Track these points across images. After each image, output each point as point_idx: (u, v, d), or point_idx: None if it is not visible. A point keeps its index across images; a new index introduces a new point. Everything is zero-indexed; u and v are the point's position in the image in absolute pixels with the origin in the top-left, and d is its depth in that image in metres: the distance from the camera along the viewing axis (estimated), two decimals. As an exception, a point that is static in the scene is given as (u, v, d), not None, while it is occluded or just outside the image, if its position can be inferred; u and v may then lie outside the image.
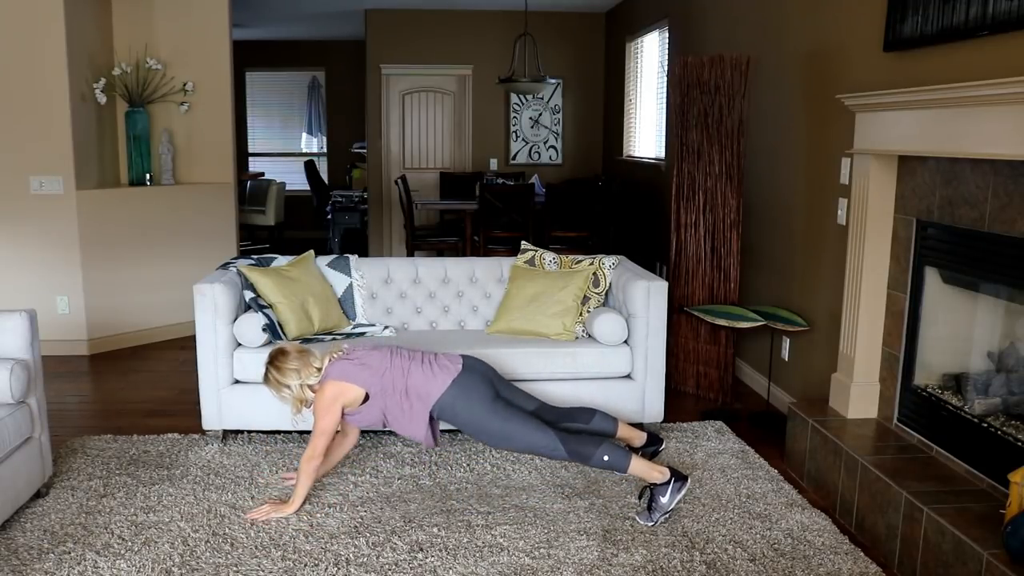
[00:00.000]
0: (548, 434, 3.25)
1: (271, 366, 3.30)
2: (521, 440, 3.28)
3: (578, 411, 3.58)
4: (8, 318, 3.17)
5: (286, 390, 3.27)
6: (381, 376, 3.29)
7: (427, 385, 3.29)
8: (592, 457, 3.22)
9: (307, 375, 3.26)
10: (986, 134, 2.68)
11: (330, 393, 3.24)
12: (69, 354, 5.48)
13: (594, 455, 3.21)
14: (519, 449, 3.34)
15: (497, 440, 3.32)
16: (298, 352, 3.31)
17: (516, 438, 3.28)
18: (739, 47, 5.00)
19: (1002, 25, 2.73)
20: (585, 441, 3.26)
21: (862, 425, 3.50)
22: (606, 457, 3.20)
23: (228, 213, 6.28)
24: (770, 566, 2.87)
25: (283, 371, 3.27)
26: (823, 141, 4.06)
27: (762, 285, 4.84)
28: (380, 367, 3.31)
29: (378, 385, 3.28)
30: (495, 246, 7.09)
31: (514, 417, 3.30)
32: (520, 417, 3.31)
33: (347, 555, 2.91)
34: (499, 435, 3.29)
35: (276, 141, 12.32)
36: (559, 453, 3.24)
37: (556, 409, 3.57)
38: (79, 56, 5.43)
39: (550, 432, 3.26)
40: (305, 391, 3.27)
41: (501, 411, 3.30)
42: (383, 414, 3.32)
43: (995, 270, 2.92)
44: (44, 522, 3.13)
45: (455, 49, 9.14)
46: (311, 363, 3.29)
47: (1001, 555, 2.40)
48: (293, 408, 3.32)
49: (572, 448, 3.23)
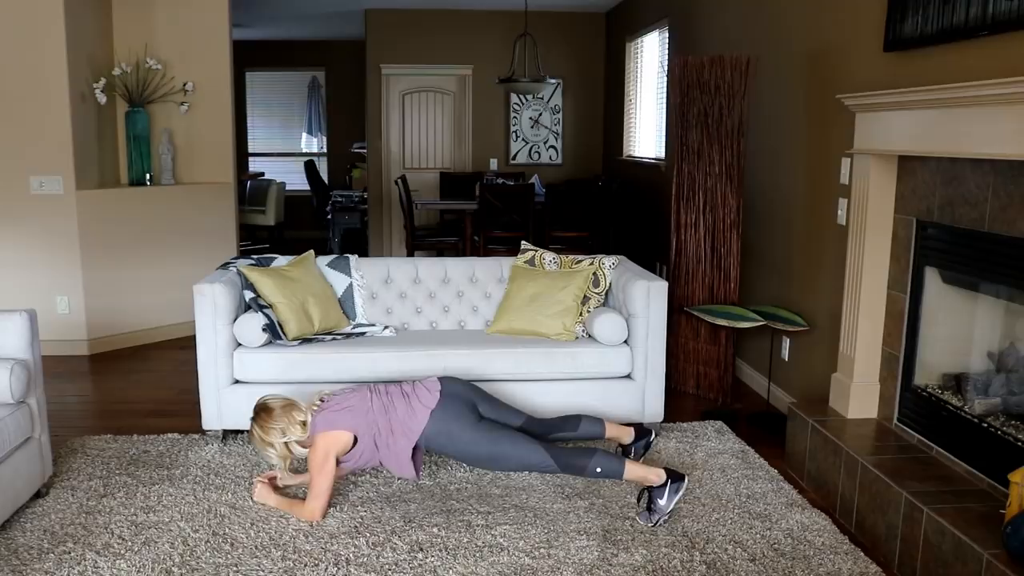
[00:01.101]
0: (539, 450, 3.26)
1: (255, 424, 3.26)
2: (512, 460, 3.28)
3: (564, 421, 3.60)
4: (8, 318, 3.17)
5: (270, 448, 3.24)
6: (365, 415, 3.26)
7: (409, 420, 3.27)
8: (586, 469, 3.24)
9: (292, 432, 3.21)
10: (986, 134, 2.68)
11: (322, 447, 3.18)
12: (69, 354, 5.48)
13: (587, 467, 3.23)
14: (512, 469, 3.36)
15: (488, 463, 3.32)
16: (282, 408, 3.25)
17: (506, 458, 3.28)
18: (739, 47, 5.01)
19: (1002, 25, 2.73)
20: (577, 453, 3.27)
21: (862, 425, 3.50)
22: (599, 469, 3.23)
23: (228, 213, 6.28)
24: (770, 566, 2.87)
25: (266, 429, 3.22)
26: (823, 141, 4.06)
27: (762, 285, 4.84)
28: (362, 407, 3.28)
29: (364, 425, 3.25)
30: (495, 246, 7.09)
31: (502, 438, 3.29)
32: (508, 436, 3.30)
33: (347, 555, 2.91)
34: (489, 458, 3.29)
35: (276, 141, 12.32)
36: (552, 468, 3.27)
37: (543, 421, 3.58)
38: (79, 56, 5.43)
39: (540, 448, 3.27)
40: (292, 447, 3.24)
41: (487, 434, 3.29)
42: (376, 448, 3.29)
43: (995, 270, 2.92)
44: (44, 522, 3.13)
45: (455, 49, 9.14)
46: (295, 418, 3.23)
47: (1001, 555, 2.40)
48: (280, 466, 3.29)
49: (564, 462, 3.25)
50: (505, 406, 3.53)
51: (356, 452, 3.27)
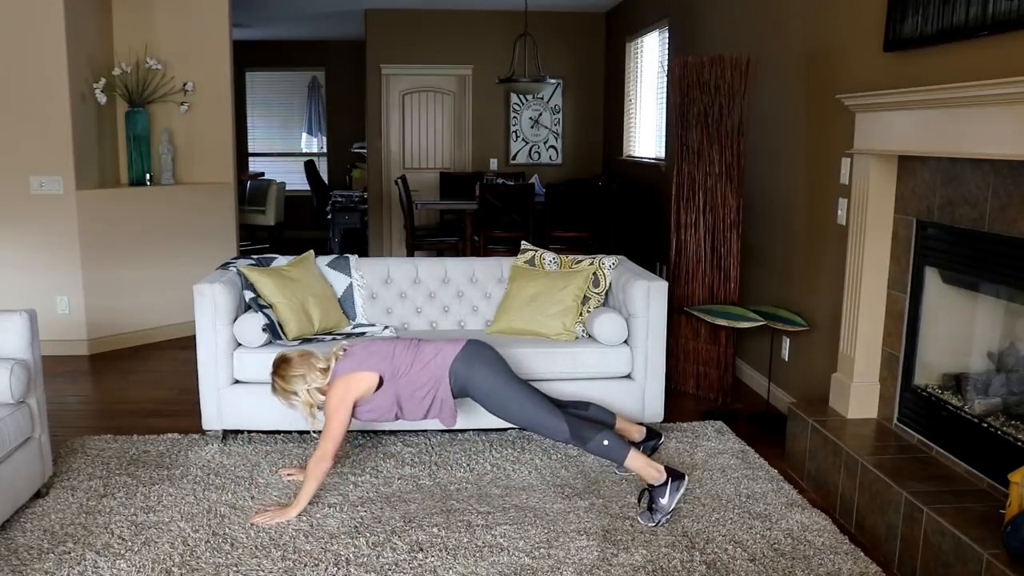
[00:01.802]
0: (557, 413, 3.28)
1: (275, 376, 3.29)
2: (532, 413, 3.29)
3: (576, 403, 3.61)
4: (8, 318, 3.17)
5: (294, 397, 3.27)
6: (391, 358, 3.29)
7: (440, 354, 3.30)
8: (592, 440, 3.22)
9: (312, 378, 3.25)
10: (986, 134, 2.68)
11: (340, 389, 3.22)
12: (69, 354, 5.48)
13: (594, 438, 3.23)
14: (527, 421, 3.34)
15: (510, 406, 3.32)
16: (300, 356, 3.30)
17: (527, 409, 3.29)
18: (739, 47, 5.00)
19: (1002, 25, 2.73)
20: (587, 425, 3.29)
21: (862, 425, 3.49)
22: (606, 442, 3.21)
23: (228, 213, 6.28)
24: (770, 566, 2.87)
25: (287, 378, 3.26)
26: (823, 141, 4.06)
27: (762, 285, 4.84)
28: (388, 351, 3.32)
29: (389, 367, 3.27)
30: (495, 246, 7.09)
31: (528, 390, 3.34)
32: (534, 391, 3.36)
33: (347, 555, 2.91)
34: (513, 403, 3.30)
35: (276, 141, 12.32)
36: (561, 431, 3.25)
37: (555, 399, 3.58)
38: (79, 56, 5.43)
39: (558, 412, 3.29)
40: (314, 395, 3.26)
41: (515, 379, 3.35)
42: (397, 400, 3.30)
43: (995, 270, 2.92)
44: (44, 522, 3.13)
45: (455, 49, 9.14)
46: (315, 365, 3.28)
47: (1001, 555, 2.40)
48: (305, 414, 3.31)
49: (575, 430, 3.25)
50: None
51: (377, 397, 3.27)
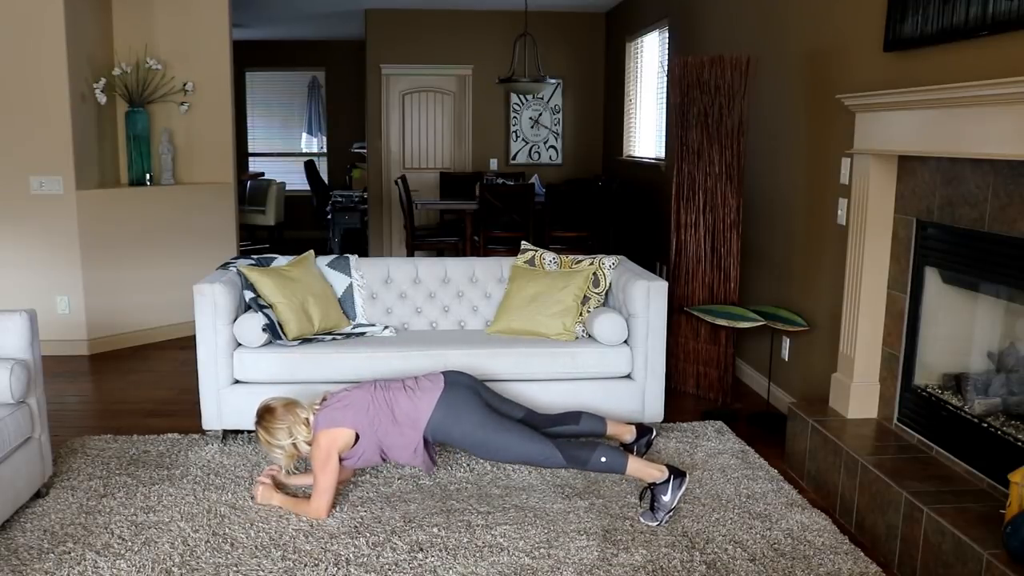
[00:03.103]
0: (544, 442, 3.25)
1: (260, 427, 3.27)
2: (517, 450, 3.27)
3: (565, 416, 3.60)
4: (8, 318, 3.17)
5: (278, 450, 3.25)
6: (367, 412, 3.26)
7: (415, 410, 3.27)
8: (589, 461, 3.22)
9: (297, 431, 3.23)
10: (986, 134, 2.68)
11: (324, 444, 3.19)
12: (69, 354, 5.48)
13: (591, 458, 3.21)
14: (515, 460, 3.34)
15: (493, 452, 3.31)
16: (284, 407, 3.27)
17: (511, 448, 3.27)
18: (739, 47, 5.01)
19: (1002, 25, 2.73)
20: (580, 445, 3.27)
21: (862, 425, 3.50)
22: (603, 459, 3.21)
23: (228, 213, 6.28)
24: (770, 566, 2.87)
25: (271, 431, 3.24)
26: (823, 141, 4.06)
27: (762, 285, 4.84)
28: (363, 404, 3.28)
29: (365, 421, 3.25)
30: (495, 246, 7.09)
31: (508, 428, 3.29)
32: (514, 427, 3.30)
33: (347, 555, 2.91)
34: (494, 447, 3.28)
35: (276, 141, 12.32)
36: (556, 460, 3.24)
37: (544, 416, 3.57)
38: (79, 56, 5.43)
39: (545, 440, 3.26)
40: (299, 446, 3.25)
41: (493, 422, 3.29)
42: (379, 447, 3.29)
43: (995, 270, 2.92)
44: (44, 522, 3.13)
45: (455, 49, 9.14)
46: (299, 415, 3.25)
47: (1001, 555, 2.40)
48: (286, 465, 3.31)
49: (568, 454, 3.23)
50: (506, 399, 3.54)
51: (359, 449, 3.26)
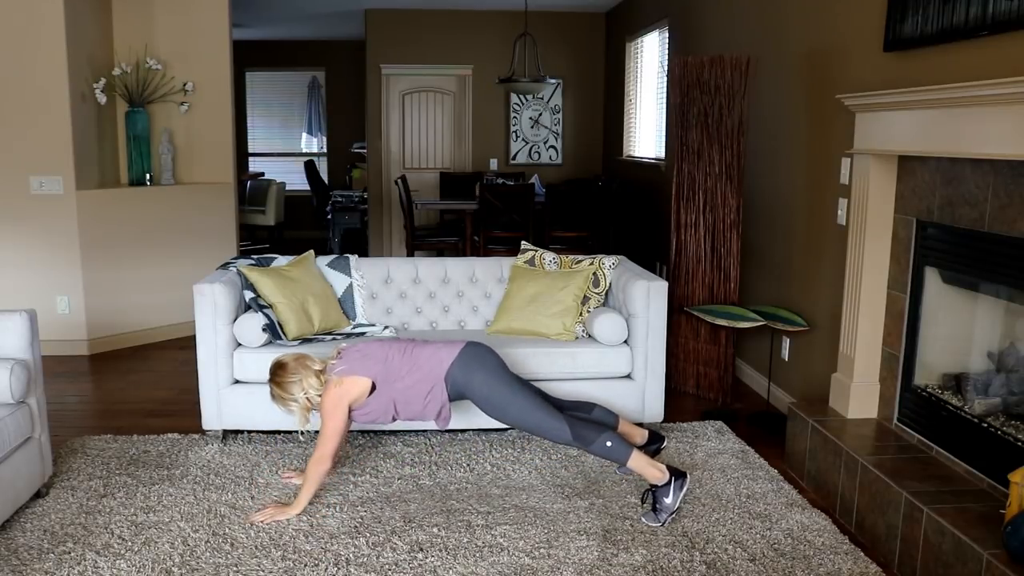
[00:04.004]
0: (558, 416, 3.26)
1: (272, 383, 3.28)
2: (532, 416, 3.27)
3: (578, 404, 3.59)
4: (8, 318, 3.17)
5: (292, 403, 3.25)
6: (385, 362, 3.28)
7: (435, 358, 3.29)
8: (595, 442, 3.20)
9: (309, 383, 3.23)
10: (986, 134, 2.68)
11: (335, 393, 3.22)
12: (69, 354, 5.48)
13: (597, 440, 3.21)
14: (528, 425, 3.31)
15: (509, 410, 3.30)
16: (295, 360, 3.28)
17: (528, 413, 3.27)
18: (739, 47, 5.00)
19: (1002, 25, 2.73)
20: (589, 427, 3.27)
21: (862, 425, 3.49)
22: (609, 443, 3.20)
23: (228, 213, 6.28)
24: (770, 566, 2.87)
25: (284, 385, 3.24)
26: (823, 141, 4.06)
27: (762, 285, 4.84)
28: (382, 354, 3.31)
29: (383, 372, 3.26)
30: (495, 246, 7.09)
31: (526, 390, 3.32)
32: (531, 391, 3.34)
33: (347, 555, 2.91)
34: (508, 406, 3.28)
35: (276, 141, 12.32)
36: (563, 434, 3.23)
37: (558, 400, 3.57)
38: (79, 56, 5.43)
39: (558, 413, 3.27)
40: (312, 398, 3.25)
41: (513, 381, 3.32)
42: (392, 403, 3.30)
43: (995, 270, 2.92)
44: (44, 522, 3.13)
45: (455, 49, 9.14)
46: (311, 367, 3.26)
47: (1001, 555, 2.40)
48: (300, 419, 3.29)
49: (577, 432, 3.23)
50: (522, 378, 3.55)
51: (371, 401, 3.27)
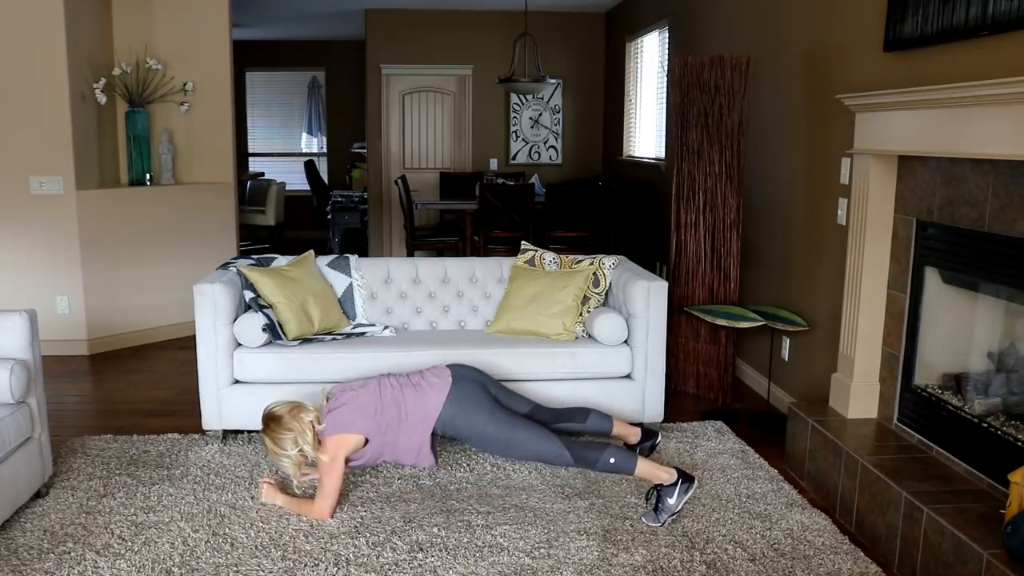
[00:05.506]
0: (553, 440, 3.25)
1: (266, 436, 3.19)
2: (526, 447, 3.27)
3: (572, 411, 3.59)
4: (8, 318, 3.17)
5: (285, 459, 3.17)
6: (375, 415, 3.25)
7: (424, 408, 3.27)
8: (598, 462, 3.21)
9: (304, 437, 3.15)
10: (986, 134, 2.68)
11: (331, 450, 3.16)
12: (69, 354, 5.48)
13: (600, 459, 3.21)
14: (524, 457, 3.34)
15: (502, 448, 3.32)
16: (289, 413, 3.18)
17: (521, 446, 3.27)
18: (739, 47, 5.00)
19: (1002, 25, 2.73)
20: (589, 446, 3.27)
21: (862, 425, 3.49)
22: (612, 460, 3.20)
23: (228, 213, 6.28)
24: (770, 566, 2.87)
25: (278, 440, 3.15)
26: (823, 141, 4.06)
27: (762, 285, 4.84)
28: (371, 407, 3.26)
29: (375, 426, 3.24)
30: (495, 246, 7.09)
31: (518, 424, 3.29)
32: (523, 423, 3.31)
33: (347, 555, 2.91)
34: (504, 443, 3.29)
35: (276, 141, 12.32)
36: (564, 459, 3.24)
37: (550, 410, 3.57)
38: (79, 56, 5.43)
39: (555, 438, 3.26)
40: (306, 453, 3.17)
41: (503, 418, 3.29)
42: (382, 452, 3.30)
43: (995, 270, 2.92)
44: (44, 522, 3.13)
45: (455, 49, 9.14)
46: (305, 420, 3.17)
47: (1001, 555, 2.40)
48: (294, 474, 3.23)
49: (577, 454, 3.23)
50: (512, 392, 3.55)
51: (365, 452, 3.26)
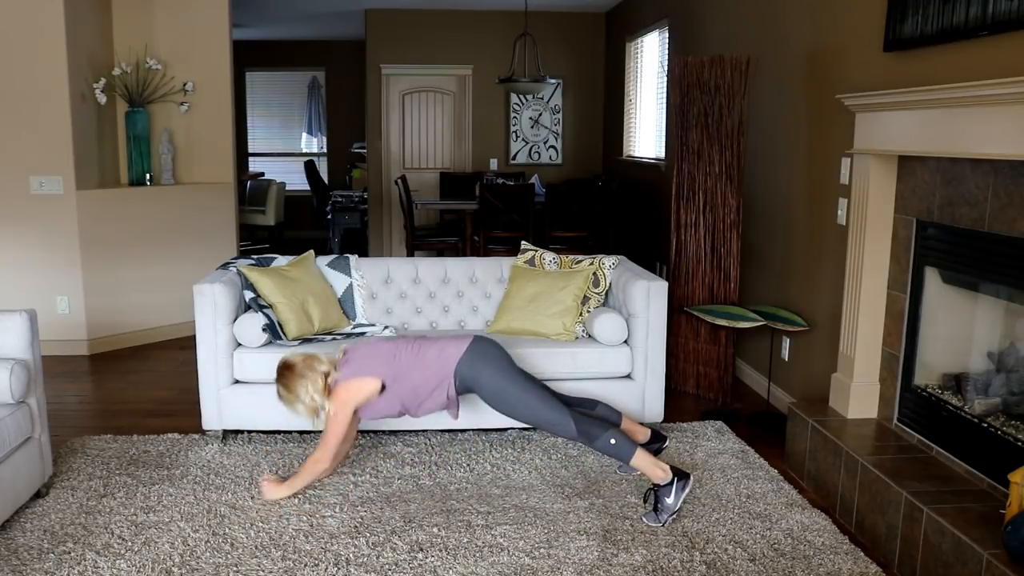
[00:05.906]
0: (563, 410, 3.28)
1: (279, 383, 3.29)
2: (537, 410, 3.29)
3: (583, 401, 3.61)
4: (8, 318, 3.17)
5: (299, 404, 3.27)
6: (393, 361, 3.29)
7: (443, 355, 3.31)
8: (599, 438, 3.22)
9: (316, 384, 3.24)
10: (986, 134, 2.68)
11: (343, 396, 3.24)
12: (69, 354, 5.48)
13: (601, 436, 3.22)
14: (534, 419, 3.34)
15: (517, 406, 3.32)
16: (303, 361, 3.28)
17: (533, 407, 3.29)
18: (739, 47, 5.01)
19: (1002, 25, 2.73)
20: (594, 423, 3.29)
21: (862, 425, 3.50)
22: (613, 440, 3.21)
23: (228, 213, 6.28)
24: (770, 566, 2.87)
25: (290, 386, 3.26)
26: (823, 141, 4.06)
27: (762, 285, 4.84)
28: (390, 353, 3.32)
29: (391, 371, 3.28)
30: (495, 246, 7.09)
31: (533, 385, 3.34)
32: (538, 386, 3.36)
33: (347, 555, 2.91)
34: (520, 402, 3.30)
35: (276, 141, 12.32)
36: (568, 429, 3.25)
37: (564, 397, 3.58)
38: (79, 56, 5.43)
39: (564, 408, 3.29)
40: (318, 399, 3.25)
41: (520, 375, 3.35)
42: (400, 402, 3.32)
43: (995, 270, 2.92)
44: (44, 522, 3.13)
45: (455, 49, 9.14)
46: (318, 368, 3.26)
47: (1001, 555, 2.40)
48: (308, 419, 3.32)
49: (582, 428, 3.25)
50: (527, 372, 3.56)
51: (380, 401, 3.29)
